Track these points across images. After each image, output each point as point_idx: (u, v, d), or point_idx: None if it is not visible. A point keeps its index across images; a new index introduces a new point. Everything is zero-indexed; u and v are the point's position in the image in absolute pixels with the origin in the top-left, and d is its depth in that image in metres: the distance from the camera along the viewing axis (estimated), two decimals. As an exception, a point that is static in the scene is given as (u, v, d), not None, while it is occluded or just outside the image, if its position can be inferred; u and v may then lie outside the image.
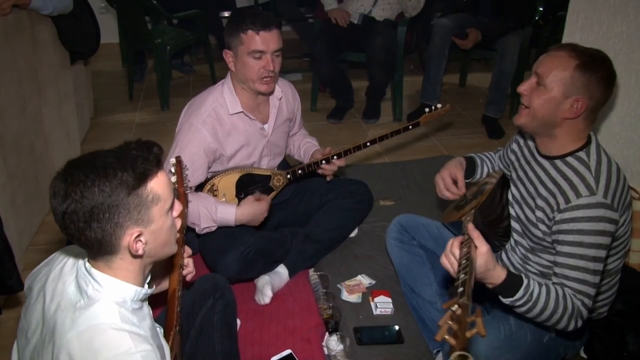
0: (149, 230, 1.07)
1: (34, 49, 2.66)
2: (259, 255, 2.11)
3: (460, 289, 1.09)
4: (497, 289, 1.40)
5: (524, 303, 1.41)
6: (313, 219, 2.34)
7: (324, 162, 2.20)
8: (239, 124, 2.10)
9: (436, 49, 3.66)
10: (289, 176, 2.22)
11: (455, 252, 1.34)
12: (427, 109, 2.31)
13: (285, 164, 2.44)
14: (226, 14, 4.70)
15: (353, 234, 2.51)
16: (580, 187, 1.45)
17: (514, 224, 1.70)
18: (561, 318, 1.43)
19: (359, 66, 4.07)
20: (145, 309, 1.19)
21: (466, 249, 1.30)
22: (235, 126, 2.09)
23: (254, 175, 2.18)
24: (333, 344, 1.91)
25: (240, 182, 2.15)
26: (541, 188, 1.56)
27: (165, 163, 1.23)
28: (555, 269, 1.48)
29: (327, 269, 2.31)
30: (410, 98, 4.09)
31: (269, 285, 2.15)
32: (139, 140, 1.09)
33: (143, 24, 4.02)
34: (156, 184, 1.06)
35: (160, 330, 1.26)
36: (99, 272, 1.09)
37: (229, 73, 2.10)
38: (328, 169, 2.22)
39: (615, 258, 1.59)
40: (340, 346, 1.91)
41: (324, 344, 1.96)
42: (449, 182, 1.85)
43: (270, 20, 1.97)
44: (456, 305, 1.00)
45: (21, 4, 2.51)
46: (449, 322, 0.98)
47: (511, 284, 1.39)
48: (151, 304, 1.24)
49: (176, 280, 1.39)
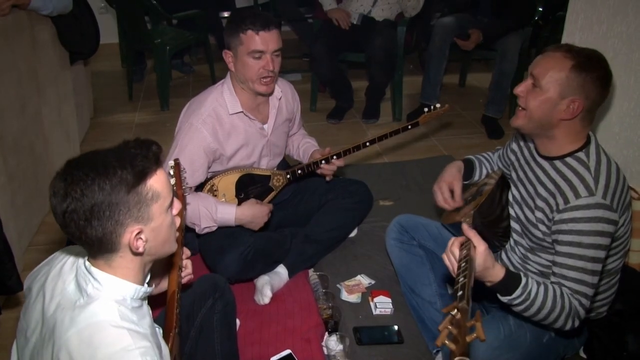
0: (149, 227, 1.08)
1: (34, 49, 2.66)
2: (259, 255, 2.11)
3: (460, 293, 1.09)
4: (496, 287, 1.40)
5: (522, 302, 1.41)
6: (313, 219, 2.33)
7: (323, 162, 2.20)
8: (238, 124, 2.10)
9: (436, 49, 3.66)
10: (288, 176, 2.22)
11: (455, 252, 1.34)
12: (426, 109, 2.31)
13: (284, 164, 2.44)
14: (226, 14, 4.69)
15: (353, 234, 2.51)
16: (580, 188, 1.45)
17: (513, 224, 1.70)
18: (558, 317, 1.43)
19: (359, 66, 4.07)
20: (145, 308, 1.19)
21: (466, 251, 1.30)
22: (235, 126, 2.09)
23: (253, 176, 2.18)
24: (333, 344, 1.91)
25: (240, 182, 2.15)
26: (541, 189, 1.56)
27: (165, 163, 1.23)
28: (553, 269, 1.48)
29: (327, 269, 2.30)
30: (410, 98, 4.09)
31: (269, 285, 2.15)
32: (137, 139, 1.10)
33: (143, 24, 4.01)
34: (155, 182, 1.07)
35: (159, 331, 1.26)
36: (99, 271, 1.09)
37: (229, 73, 2.10)
38: (327, 169, 2.22)
39: (615, 258, 1.59)
40: (340, 346, 1.91)
41: (323, 344, 1.96)
42: (447, 195, 1.87)
43: (270, 21, 1.97)
44: (455, 310, 1.00)
45: (21, 4, 2.51)
46: (449, 327, 0.97)
47: (510, 283, 1.39)
48: (150, 305, 1.24)
49: (175, 282, 1.39)
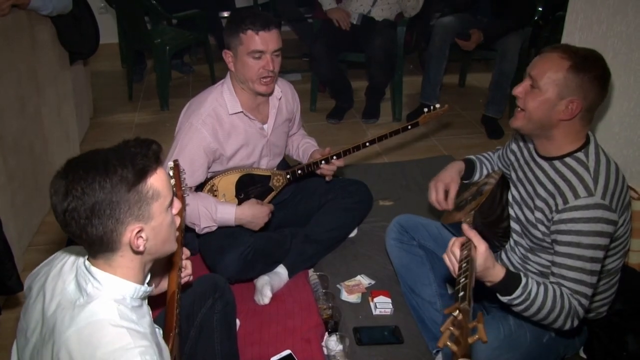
0: (150, 226, 1.08)
1: (33, 49, 2.66)
2: (259, 255, 2.11)
3: (461, 294, 1.09)
4: (496, 287, 1.40)
5: (522, 302, 1.41)
6: (312, 219, 2.33)
7: (323, 163, 2.20)
8: (238, 124, 2.10)
9: (436, 49, 3.66)
10: (288, 176, 2.22)
11: (456, 252, 1.34)
12: (426, 109, 2.31)
13: (284, 164, 2.44)
14: (225, 14, 4.69)
15: (352, 234, 2.51)
16: (579, 188, 1.45)
17: (513, 224, 1.70)
18: (558, 317, 1.43)
19: (359, 66, 4.07)
20: (145, 308, 1.19)
21: (466, 251, 1.29)
22: (235, 126, 2.09)
23: (253, 176, 2.18)
24: (332, 344, 1.91)
25: (240, 182, 2.15)
26: (540, 189, 1.56)
27: (165, 163, 1.23)
28: (553, 269, 1.48)
29: (327, 269, 2.30)
30: (410, 98, 4.09)
31: (269, 285, 2.15)
32: (137, 138, 1.10)
33: (142, 24, 4.01)
34: (155, 180, 1.07)
35: (159, 331, 1.26)
36: (99, 270, 1.09)
37: (229, 73, 2.10)
38: (327, 169, 2.22)
39: (614, 258, 1.59)
40: (340, 346, 1.91)
41: (323, 344, 1.96)
42: (440, 196, 1.87)
43: (270, 20, 1.97)
44: (457, 311, 1.00)
45: (20, 4, 2.51)
46: (451, 328, 0.97)
47: (510, 283, 1.39)
48: (150, 305, 1.24)
49: (175, 282, 1.39)
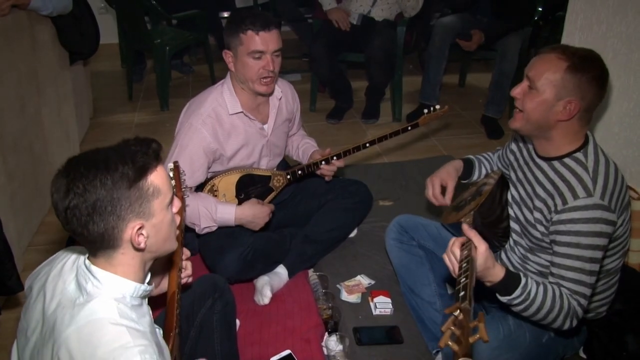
0: (150, 223, 1.09)
1: (34, 50, 2.66)
2: (259, 255, 2.11)
3: (462, 293, 1.09)
4: (495, 287, 1.40)
5: (522, 302, 1.41)
6: (312, 220, 2.33)
7: (323, 163, 2.20)
8: (238, 124, 2.10)
9: (436, 49, 3.66)
10: (288, 177, 2.22)
11: (456, 252, 1.35)
12: (426, 110, 2.31)
13: (284, 164, 2.44)
14: (225, 14, 4.70)
15: (352, 234, 2.51)
16: (578, 189, 1.45)
17: (513, 224, 1.70)
18: (557, 317, 1.43)
19: (358, 66, 4.07)
20: (145, 307, 1.19)
21: (467, 251, 1.29)
22: (235, 126, 2.09)
23: (254, 176, 2.18)
24: (332, 344, 1.91)
25: (240, 183, 2.15)
26: (539, 189, 1.56)
27: (165, 164, 1.23)
28: (552, 269, 1.49)
29: (327, 269, 2.30)
30: (410, 98, 4.09)
31: (268, 285, 2.15)
32: (137, 137, 1.12)
33: (142, 24, 4.01)
34: (156, 178, 1.08)
35: (159, 331, 1.26)
36: (99, 269, 1.10)
37: (229, 73, 2.10)
38: (327, 170, 2.22)
39: (614, 258, 1.59)
40: (340, 346, 1.91)
41: (323, 344, 1.96)
42: (437, 191, 1.87)
43: (270, 21, 1.97)
44: (458, 311, 1.00)
45: (20, 5, 2.51)
46: (452, 328, 0.97)
47: (509, 283, 1.40)
48: (150, 306, 1.24)
49: (175, 282, 1.39)
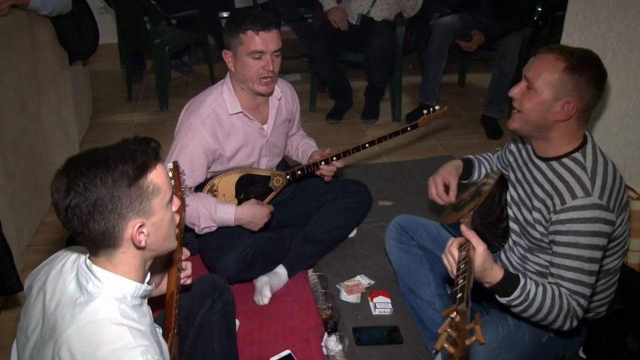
0: (151, 222, 1.09)
1: (33, 50, 2.66)
2: (258, 255, 2.11)
3: (459, 295, 1.09)
4: (494, 288, 1.40)
5: (521, 302, 1.41)
6: (312, 220, 2.33)
7: (323, 163, 2.20)
8: (238, 124, 2.10)
9: (435, 49, 3.66)
10: (288, 177, 2.22)
11: (454, 253, 1.34)
12: (426, 111, 2.31)
13: (283, 164, 2.44)
14: (225, 14, 4.70)
15: (352, 234, 2.51)
16: (576, 188, 1.45)
17: (512, 224, 1.70)
18: (557, 318, 1.43)
19: (358, 66, 4.07)
20: (145, 307, 1.19)
21: (465, 252, 1.29)
22: (235, 126, 2.09)
23: (253, 176, 2.18)
24: (332, 344, 1.91)
25: (240, 183, 2.16)
26: (538, 189, 1.56)
27: (164, 164, 1.24)
28: (551, 269, 1.48)
29: (326, 269, 2.30)
30: (410, 98, 4.09)
31: (268, 285, 2.15)
32: (136, 136, 1.12)
33: (142, 24, 4.01)
34: (156, 176, 1.09)
35: (159, 331, 1.26)
36: (99, 269, 1.10)
37: (228, 73, 2.10)
38: (327, 170, 2.22)
39: (613, 258, 1.59)
40: (339, 346, 1.91)
41: (323, 344, 1.96)
42: (440, 189, 1.87)
43: (270, 21, 1.97)
44: (455, 312, 1.00)
45: (20, 4, 2.51)
46: (448, 330, 0.97)
47: (508, 284, 1.39)
48: (150, 306, 1.24)
49: (174, 283, 1.39)
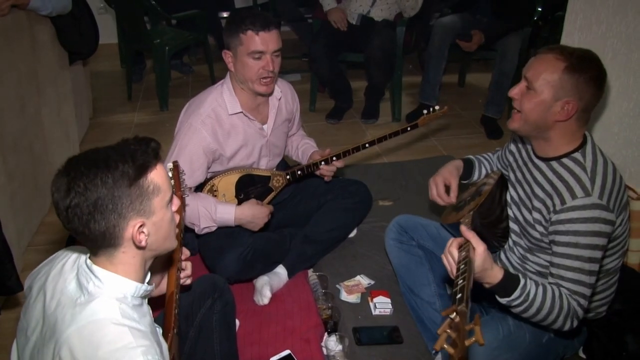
0: (151, 221, 1.10)
1: (33, 50, 2.66)
2: (258, 255, 2.11)
3: (459, 295, 1.09)
4: (494, 288, 1.40)
5: (521, 303, 1.41)
6: (312, 220, 2.33)
7: (322, 163, 2.20)
8: (238, 124, 2.10)
9: (435, 49, 3.66)
10: (288, 177, 2.22)
11: (454, 253, 1.34)
12: (425, 111, 2.31)
13: (283, 164, 2.44)
14: (225, 15, 4.70)
15: (352, 234, 2.51)
16: (576, 188, 1.45)
17: (512, 224, 1.70)
18: (557, 318, 1.43)
19: (358, 66, 4.07)
20: (145, 307, 1.19)
21: (465, 252, 1.29)
22: (235, 126, 2.09)
23: (253, 176, 2.18)
24: (332, 344, 1.91)
25: (240, 183, 2.16)
26: (538, 189, 1.56)
27: (164, 164, 1.24)
28: (551, 269, 1.48)
29: (326, 269, 2.30)
30: (410, 98, 4.09)
31: (268, 285, 2.15)
32: (136, 136, 1.12)
33: (142, 24, 4.01)
34: (156, 176, 1.09)
35: (159, 330, 1.26)
36: (100, 269, 1.10)
37: (228, 73, 2.10)
38: (327, 170, 2.22)
39: (613, 258, 1.59)
40: (339, 346, 1.91)
41: (323, 344, 1.96)
42: (441, 190, 1.86)
43: (270, 21, 1.97)
44: (454, 313, 1.00)
45: (20, 5, 2.51)
46: (448, 331, 0.97)
47: (508, 284, 1.39)
48: (150, 306, 1.24)
49: (174, 283, 1.39)
